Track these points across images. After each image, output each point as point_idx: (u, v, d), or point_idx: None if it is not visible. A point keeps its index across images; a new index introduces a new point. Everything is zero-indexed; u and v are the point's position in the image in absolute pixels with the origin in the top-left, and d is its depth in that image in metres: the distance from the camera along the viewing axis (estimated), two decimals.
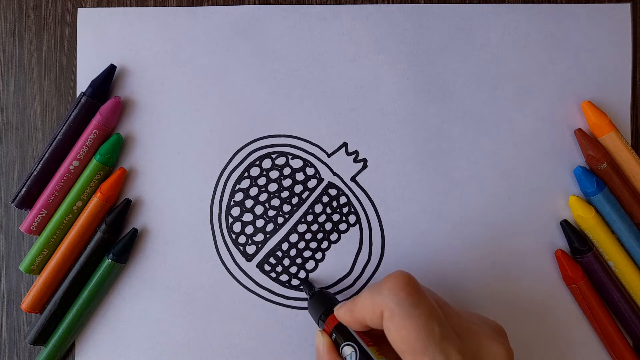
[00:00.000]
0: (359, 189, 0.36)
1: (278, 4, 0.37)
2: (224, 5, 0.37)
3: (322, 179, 0.36)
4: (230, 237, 0.36)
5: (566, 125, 0.36)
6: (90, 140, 0.35)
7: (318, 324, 0.32)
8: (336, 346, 0.29)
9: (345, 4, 0.37)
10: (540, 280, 0.36)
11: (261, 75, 0.37)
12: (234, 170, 0.37)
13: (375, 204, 0.36)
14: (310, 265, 0.36)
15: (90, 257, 0.35)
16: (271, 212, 0.36)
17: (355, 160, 0.37)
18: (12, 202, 0.36)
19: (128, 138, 0.37)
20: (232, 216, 0.36)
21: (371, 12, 0.37)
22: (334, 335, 0.29)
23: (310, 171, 0.36)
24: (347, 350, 0.28)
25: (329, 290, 0.36)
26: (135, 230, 0.36)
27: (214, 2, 0.37)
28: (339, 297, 0.36)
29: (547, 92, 0.37)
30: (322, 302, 0.32)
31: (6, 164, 0.38)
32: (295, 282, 0.36)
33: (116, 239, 0.36)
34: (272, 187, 0.36)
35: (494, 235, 0.36)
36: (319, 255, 0.36)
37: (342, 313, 0.29)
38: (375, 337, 0.29)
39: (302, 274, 0.36)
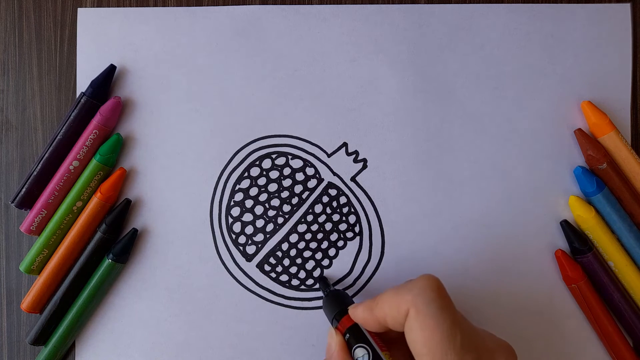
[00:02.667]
0: (359, 189, 0.36)
1: (278, 4, 0.37)
2: (224, 5, 0.37)
3: (322, 179, 0.36)
4: (230, 237, 0.36)
5: (566, 125, 0.36)
6: (90, 140, 0.35)
7: (332, 323, 0.31)
8: (348, 347, 0.29)
9: (345, 4, 0.37)
10: (540, 280, 0.36)
11: (261, 75, 0.37)
12: (234, 171, 0.37)
13: (375, 204, 0.36)
14: (310, 265, 0.36)
15: (90, 257, 0.35)
16: (271, 212, 0.36)
17: (355, 160, 0.37)
18: (12, 202, 0.36)
19: (128, 138, 0.37)
20: (232, 216, 0.36)
21: (371, 12, 0.37)
22: (347, 335, 0.29)
23: (310, 171, 0.36)
24: (360, 352, 0.28)
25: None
26: (135, 231, 0.36)
27: (214, 2, 0.37)
28: None
29: (547, 92, 0.37)
30: (338, 302, 0.32)
31: (6, 164, 0.38)
32: (295, 282, 0.36)
33: (116, 239, 0.36)
34: (272, 187, 0.36)
35: (494, 235, 0.36)
36: (318, 256, 0.36)
37: (359, 311, 0.29)
38: (388, 342, 0.29)
39: (302, 274, 0.36)
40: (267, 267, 0.36)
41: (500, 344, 0.27)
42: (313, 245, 0.36)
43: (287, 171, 0.36)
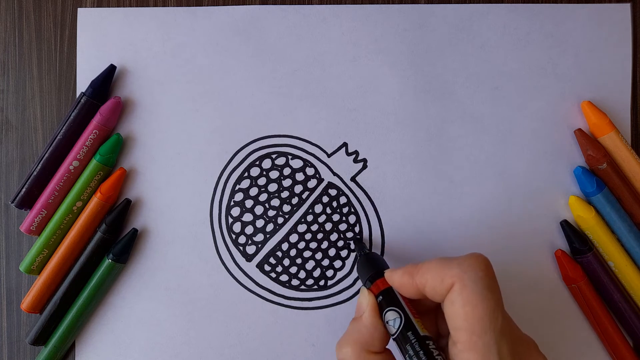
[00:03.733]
0: (359, 189, 0.36)
1: (278, 4, 0.37)
2: (224, 5, 0.37)
3: (322, 179, 0.36)
4: (230, 237, 0.36)
5: (566, 125, 0.36)
6: (90, 140, 0.35)
7: (365, 285, 0.31)
8: (380, 310, 0.28)
9: (345, 4, 0.37)
10: (540, 280, 0.36)
11: (261, 75, 0.37)
12: (234, 171, 0.37)
13: (375, 204, 0.36)
14: (310, 265, 0.36)
15: (90, 257, 0.35)
16: (271, 212, 0.36)
17: (355, 161, 0.37)
18: (12, 202, 0.36)
19: (128, 138, 0.37)
20: (232, 216, 0.36)
21: (371, 12, 0.37)
22: (379, 298, 0.29)
23: (310, 171, 0.36)
24: (391, 315, 0.27)
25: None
26: (135, 231, 0.36)
27: (214, 2, 0.37)
28: (340, 297, 0.36)
29: (547, 92, 0.37)
30: (373, 264, 0.31)
31: (6, 164, 0.38)
32: (295, 282, 0.36)
33: (116, 239, 0.36)
34: (272, 187, 0.36)
35: (494, 235, 0.36)
36: (318, 256, 0.36)
37: (398, 274, 0.28)
38: (418, 312, 0.28)
39: (302, 274, 0.36)
40: (267, 267, 0.36)
41: (530, 341, 0.27)
42: (313, 245, 0.36)
43: (287, 171, 0.36)
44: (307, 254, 0.36)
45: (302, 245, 0.36)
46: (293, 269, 0.36)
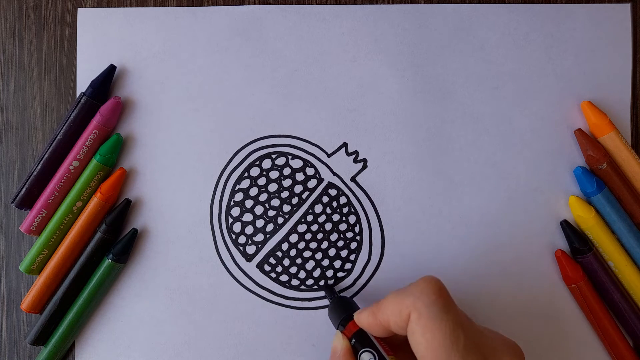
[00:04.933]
0: (359, 189, 0.36)
1: (278, 4, 0.37)
2: (224, 5, 0.37)
3: (322, 179, 0.36)
4: (230, 237, 0.36)
5: (566, 125, 0.36)
6: (90, 141, 0.35)
7: (338, 329, 0.31)
8: (354, 352, 0.29)
9: (345, 4, 0.37)
10: (540, 280, 0.36)
11: (261, 75, 0.37)
12: (234, 171, 0.37)
13: (375, 204, 0.36)
14: (310, 265, 0.36)
15: (90, 257, 0.35)
16: (271, 213, 0.36)
17: (355, 161, 0.37)
18: (12, 202, 0.36)
19: (128, 138, 0.37)
20: (232, 216, 0.36)
21: (371, 12, 0.37)
22: (353, 341, 0.29)
23: (310, 171, 0.36)
24: (366, 356, 0.28)
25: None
26: (135, 231, 0.36)
27: (214, 2, 0.37)
28: None
29: (547, 92, 0.37)
30: (343, 308, 0.32)
31: (6, 164, 0.38)
32: (295, 282, 0.36)
33: (116, 239, 0.36)
34: (272, 187, 0.36)
35: (494, 235, 0.36)
36: (318, 256, 0.36)
37: (364, 316, 0.29)
38: (394, 346, 0.29)
39: (302, 274, 0.36)
40: (267, 267, 0.36)
41: (507, 343, 0.27)
42: (313, 245, 0.36)
43: (287, 171, 0.36)
44: (307, 254, 0.36)
45: (302, 245, 0.36)
46: (293, 269, 0.36)
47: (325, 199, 0.36)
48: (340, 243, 0.36)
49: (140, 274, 0.36)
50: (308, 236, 0.36)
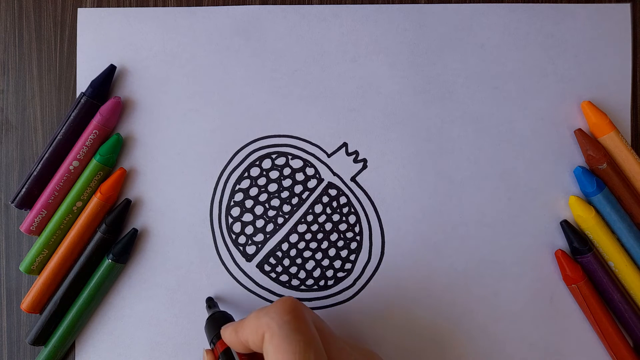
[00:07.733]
0: (359, 189, 0.36)
1: (278, 4, 0.37)
2: (224, 5, 0.37)
3: (322, 179, 0.36)
4: (230, 237, 0.36)
5: (566, 125, 0.36)
6: (90, 141, 0.35)
7: (210, 346, 0.31)
8: None
9: (345, 4, 0.37)
10: (540, 280, 0.36)
11: (261, 75, 0.37)
12: (234, 171, 0.37)
13: (375, 204, 0.36)
14: (310, 265, 0.36)
15: (90, 257, 0.35)
16: (271, 213, 0.36)
17: (355, 161, 0.37)
18: (12, 202, 0.36)
19: (128, 138, 0.37)
20: (232, 216, 0.36)
21: (371, 12, 0.37)
22: (220, 359, 0.29)
23: (310, 171, 0.36)
24: None
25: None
26: (135, 231, 0.36)
27: (214, 2, 0.37)
28: (340, 297, 0.36)
29: (547, 92, 0.37)
30: (218, 324, 0.32)
31: (6, 164, 0.38)
32: (295, 282, 0.36)
33: (116, 239, 0.36)
34: (272, 187, 0.36)
35: (494, 235, 0.36)
36: (318, 256, 0.36)
37: (227, 333, 0.29)
38: None
39: (302, 274, 0.36)
40: (267, 267, 0.36)
41: (365, 354, 0.28)
42: (313, 245, 0.36)
43: (287, 171, 0.36)
44: (307, 254, 0.36)
45: (302, 245, 0.36)
46: (293, 269, 0.36)
47: (325, 199, 0.36)
48: (340, 243, 0.36)
49: (140, 274, 0.36)
50: (308, 236, 0.36)
